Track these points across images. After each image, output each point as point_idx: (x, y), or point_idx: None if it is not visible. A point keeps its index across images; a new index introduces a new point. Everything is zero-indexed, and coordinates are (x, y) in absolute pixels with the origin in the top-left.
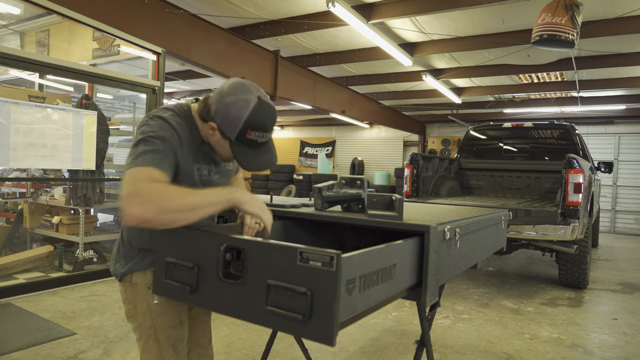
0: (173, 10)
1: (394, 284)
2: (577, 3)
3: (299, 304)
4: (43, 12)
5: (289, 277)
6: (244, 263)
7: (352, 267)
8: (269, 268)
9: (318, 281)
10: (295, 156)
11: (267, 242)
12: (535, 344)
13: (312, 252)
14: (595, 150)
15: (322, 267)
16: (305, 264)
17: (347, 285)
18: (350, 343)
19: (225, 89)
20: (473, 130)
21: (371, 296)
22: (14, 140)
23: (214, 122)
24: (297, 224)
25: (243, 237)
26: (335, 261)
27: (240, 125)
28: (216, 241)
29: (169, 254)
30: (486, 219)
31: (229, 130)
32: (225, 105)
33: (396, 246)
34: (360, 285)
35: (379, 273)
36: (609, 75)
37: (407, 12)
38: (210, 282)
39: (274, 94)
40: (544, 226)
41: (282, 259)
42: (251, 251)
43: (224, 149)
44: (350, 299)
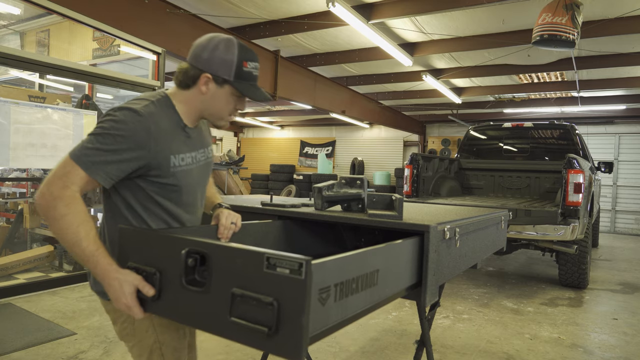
0: (173, 10)
1: (376, 291)
2: (577, 3)
3: (265, 315)
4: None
5: (255, 286)
6: (209, 269)
7: (326, 275)
8: (234, 275)
9: (285, 290)
10: (295, 156)
11: (232, 246)
12: (535, 344)
13: (279, 257)
14: (595, 150)
15: (289, 275)
16: (272, 271)
17: (319, 294)
18: (350, 343)
19: (200, 44)
20: (473, 130)
21: (349, 306)
22: (14, 140)
23: (207, 72)
24: (297, 224)
25: (207, 241)
26: (305, 268)
27: (236, 60)
28: (178, 245)
29: (132, 258)
30: (486, 219)
31: (227, 71)
32: (212, 52)
33: (379, 250)
34: (336, 294)
35: (359, 280)
36: (609, 75)
37: (407, 12)
38: (173, 289)
39: (274, 94)
40: (544, 226)
41: (248, 265)
42: (216, 256)
43: (219, 102)
44: (323, 310)
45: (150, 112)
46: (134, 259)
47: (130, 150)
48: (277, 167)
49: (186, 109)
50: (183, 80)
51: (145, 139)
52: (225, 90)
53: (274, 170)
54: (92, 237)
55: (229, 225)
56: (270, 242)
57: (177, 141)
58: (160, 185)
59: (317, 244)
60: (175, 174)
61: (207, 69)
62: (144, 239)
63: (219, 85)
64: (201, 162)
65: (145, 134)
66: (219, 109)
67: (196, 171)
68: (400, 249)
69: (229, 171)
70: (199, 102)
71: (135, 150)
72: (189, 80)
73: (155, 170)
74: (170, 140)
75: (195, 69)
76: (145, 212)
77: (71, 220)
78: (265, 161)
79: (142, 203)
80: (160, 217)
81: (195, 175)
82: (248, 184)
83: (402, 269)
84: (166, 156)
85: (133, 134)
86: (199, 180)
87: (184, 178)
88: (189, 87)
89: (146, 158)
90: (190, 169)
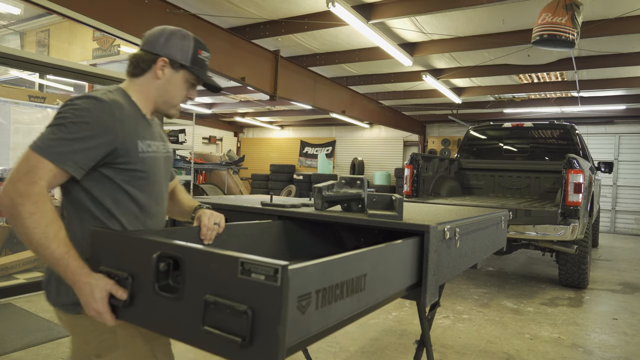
0: (173, 10)
1: (364, 297)
2: (577, 3)
3: (240, 324)
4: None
5: (229, 293)
6: (182, 274)
7: (306, 280)
8: (208, 281)
9: (260, 298)
10: (295, 156)
11: (205, 250)
12: (536, 344)
13: (254, 262)
14: (595, 150)
15: (264, 282)
16: (246, 277)
17: (298, 302)
18: (350, 343)
19: (154, 32)
20: (473, 130)
21: (333, 313)
22: (14, 140)
23: (164, 56)
24: (297, 224)
25: (179, 244)
26: (281, 274)
27: (192, 47)
28: (150, 248)
29: (104, 261)
30: (486, 219)
31: (184, 57)
32: (168, 39)
33: (366, 253)
34: (318, 301)
35: (344, 285)
36: (609, 75)
37: (407, 12)
38: (146, 295)
39: (274, 94)
40: (544, 226)
41: (222, 271)
42: (189, 260)
43: (173, 87)
44: (303, 318)
45: (112, 99)
46: (106, 263)
47: (97, 137)
48: (277, 167)
49: (142, 98)
50: (137, 66)
51: (111, 123)
52: (181, 76)
53: (274, 170)
54: (61, 238)
55: (212, 226)
56: (270, 243)
57: (140, 127)
58: (129, 173)
59: (317, 244)
60: (144, 160)
61: (163, 53)
62: (116, 242)
63: (175, 70)
64: (164, 154)
65: (110, 119)
66: (173, 95)
67: (162, 161)
68: (395, 250)
69: (229, 171)
70: (153, 88)
71: (102, 136)
72: (144, 65)
73: (124, 157)
74: (134, 125)
75: (150, 54)
76: (114, 204)
77: (39, 219)
78: (265, 161)
79: (110, 195)
80: (130, 210)
81: (161, 166)
82: (248, 184)
83: (395, 272)
84: (133, 141)
85: (97, 120)
86: (164, 172)
87: (152, 165)
88: (144, 72)
89: (114, 143)
90: (157, 157)
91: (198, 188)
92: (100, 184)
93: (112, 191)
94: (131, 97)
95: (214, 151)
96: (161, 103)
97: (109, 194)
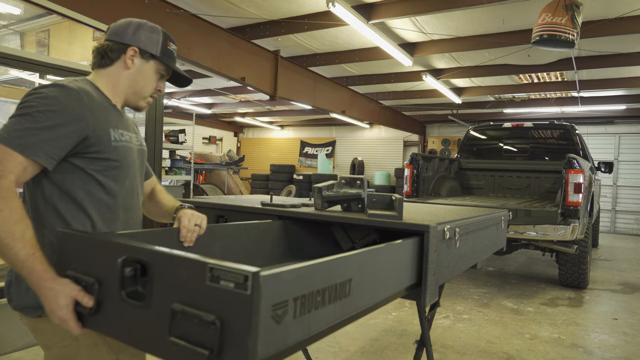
0: (173, 10)
1: (349, 303)
2: (577, 3)
3: (208, 336)
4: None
5: (197, 301)
6: (150, 280)
7: (282, 288)
8: (177, 288)
9: (230, 307)
10: (295, 156)
11: (173, 254)
12: (536, 344)
13: (223, 269)
14: (596, 150)
15: (234, 290)
16: (215, 285)
17: (273, 311)
18: (350, 343)
19: (121, 23)
20: (473, 130)
21: (314, 322)
22: None
23: (134, 46)
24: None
25: (147, 247)
26: (251, 282)
27: (161, 38)
28: (116, 251)
29: (71, 265)
30: (486, 219)
31: (153, 47)
32: (136, 29)
33: (351, 257)
34: (296, 310)
35: (326, 292)
36: (609, 75)
37: (407, 12)
38: (113, 302)
39: (274, 94)
40: (544, 226)
41: (191, 277)
42: (157, 265)
43: (143, 77)
44: (279, 329)
45: (80, 87)
46: (73, 267)
47: (67, 125)
48: (277, 167)
49: (110, 88)
50: (105, 57)
51: (80, 111)
52: (151, 66)
53: (274, 170)
54: (28, 238)
55: (192, 227)
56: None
57: (111, 115)
58: (102, 162)
59: (317, 244)
60: (117, 149)
61: (133, 43)
62: (83, 244)
63: (145, 60)
64: (137, 146)
65: (79, 106)
66: (143, 85)
67: (135, 153)
68: (393, 251)
69: (229, 171)
70: (123, 78)
71: (72, 124)
72: (113, 55)
73: (95, 146)
74: (105, 113)
75: (119, 44)
76: (86, 196)
77: (6, 216)
78: (265, 161)
79: (82, 186)
80: (102, 202)
81: (136, 157)
82: (248, 184)
83: (391, 273)
84: (105, 129)
85: (65, 108)
86: (139, 165)
87: (125, 155)
88: (112, 62)
89: (84, 131)
90: (131, 147)
91: (198, 188)
92: (71, 175)
93: (84, 182)
94: (99, 87)
95: (214, 151)
96: (131, 94)
97: (80, 185)
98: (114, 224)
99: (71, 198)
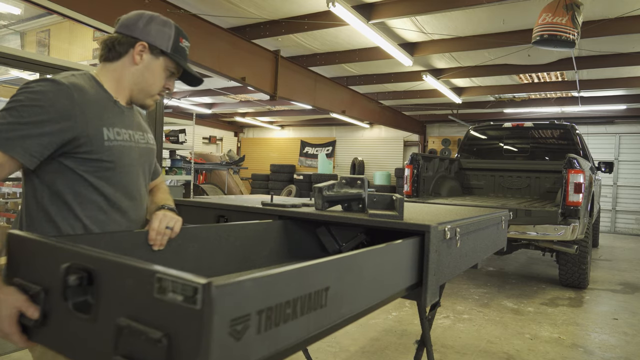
0: (173, 10)
1: (325, 314)
2: (577, 3)
3: (155, 355)
4: (43, 12)
5: (145, 315)
6: (97, 290)
7: (242, 299)
8: (124, 299)
9: (178, 323)
10: (296, 156)
11: (119, 261)
12: (536, 344)
13: (172, 279)
14: (596, 150)
15: (182, 304)
16: (162, 297)
17: (231, 327)
18: (350, 343)
19: (132, 16)
20: (473, 130)
21: (283, 336)
22: None
23: (144, 41)
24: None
25: (92, 253)
26: (201, 295)
27: (173, 34)
28: (60, 257)
29: (20, 272)
30: (486, 219)
31: (164, 43)
32: (148, 23)
33: (327, 264)
34: (261, 324)
35: (297, 303)
36: (609, 75)
37: (407, 12)
38: (60, 314)
39: (274, 94)
40: (544, 226)
41: (138, 288)
42: (104, 274)
43: (151, 73)
44: (238, 346)
45: (73, 82)
46: (22, 274)
47: (53, 122)
48: (277, 167)
49: (115, 84)
50: (113, 50)
51: (69, 108)
52: (160, 63)
53: (274, 170)
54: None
55: (163, 230)
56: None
57: (108, 113)
58: (93, 163)
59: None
60: (111, 149)
61: (143, 37)
62: (31, 249)
63: (154, 56)
64: (141, 145)
65: (69, 103)
66: (151, 83)
67: (137, 152)
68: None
69: (229, 171)
70: (129, 74)
71: (59, 122)
72: (120, 49)
73: (86, 146)
74: (100, 111)
75: (128, 37)
76: (76, 199)
77: None
78: (266, 161)
79: (72, 188)
80: (95, 204)
81: (136, 157)
82: (248, 184)
83: (383, 277)
84: (97, 128)
85: (53, 104)
86: (142, 164)
87: (121, 155)
88: (120, 57)
89: (73, 130)
90: (130, 147)
91: (198, 188)
92: (61, 175)
93: (74, 183)
94: (102, 82)
95: (214, 151)
96: (137, 91)
97: (70, 186)
98: (108, 226)
99: (62, 200)
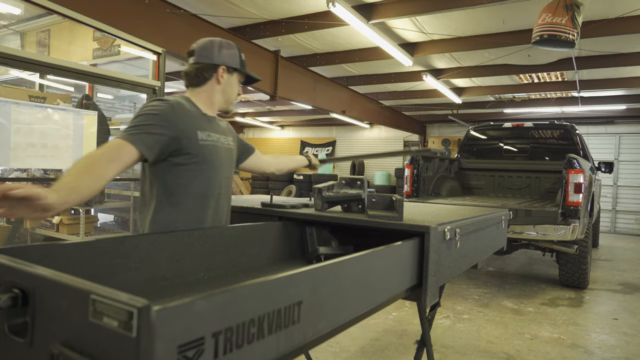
0: (173, 10)
1: (298, 331)
2: (577, 3)
3: None
4: (44, 12)
5: (80, 341)
6: (32, 312)
7: (193, 322)
8: (60, 323)
9: (114, 352)
10: None
11: (54, 279)
12: (536, 344)
13: (107, 301)
14: (596, 150)
15: (117, 330)
16: (98, 322)
17: (179, 353)
18: (351, 343)
19: (205, 46)
20: (473, 130)
21: (246, 358)
22: (14, 141)
23: (223, 65)
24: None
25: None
26: (137, 321)
27: (238, 53)
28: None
29: None
30: (486, 219)
31: (235, 62)
32: (219, 50)
33: (300, 275)
34: (218, 347)
35: (264, 320)
36: (609, 75)
37: (407, 12)
38: None
39: (274, 94)
40: (545, 226)
41: (72, 310)
42: (40, 293)
43: (231, 87)
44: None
45: (175, 100)
46: None
47: (160, 125)
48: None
49: (204, 102)
50: (199, 76)
51: (171, 116)
52: (235, 78)
53: None
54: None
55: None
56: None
57: (200, 120)
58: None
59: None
60: (205, 147)
61: (222, 62)
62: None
63: (230, 74)
64: (226, 146)
65: (172, 112)
66: (231, 94)
67: (224, 152)
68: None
69: None
70: (216, 92)
71: (164, 126)
72: (207, 75)
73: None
74: (194, 120)
75: (210, 65)
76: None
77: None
78: None
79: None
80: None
81: (223, 156)
82: (248, 184)
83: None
84: (193, 130)
85: (161, 112)
86: (227, 161)
87: (211, 152)
88: (206, 81)
89: (176, 131)
90: (218, 146)
91: None
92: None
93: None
94: (194, 102)
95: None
96: (223, 103)
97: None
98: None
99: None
